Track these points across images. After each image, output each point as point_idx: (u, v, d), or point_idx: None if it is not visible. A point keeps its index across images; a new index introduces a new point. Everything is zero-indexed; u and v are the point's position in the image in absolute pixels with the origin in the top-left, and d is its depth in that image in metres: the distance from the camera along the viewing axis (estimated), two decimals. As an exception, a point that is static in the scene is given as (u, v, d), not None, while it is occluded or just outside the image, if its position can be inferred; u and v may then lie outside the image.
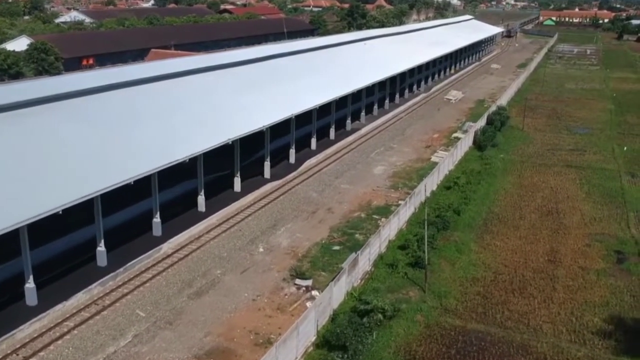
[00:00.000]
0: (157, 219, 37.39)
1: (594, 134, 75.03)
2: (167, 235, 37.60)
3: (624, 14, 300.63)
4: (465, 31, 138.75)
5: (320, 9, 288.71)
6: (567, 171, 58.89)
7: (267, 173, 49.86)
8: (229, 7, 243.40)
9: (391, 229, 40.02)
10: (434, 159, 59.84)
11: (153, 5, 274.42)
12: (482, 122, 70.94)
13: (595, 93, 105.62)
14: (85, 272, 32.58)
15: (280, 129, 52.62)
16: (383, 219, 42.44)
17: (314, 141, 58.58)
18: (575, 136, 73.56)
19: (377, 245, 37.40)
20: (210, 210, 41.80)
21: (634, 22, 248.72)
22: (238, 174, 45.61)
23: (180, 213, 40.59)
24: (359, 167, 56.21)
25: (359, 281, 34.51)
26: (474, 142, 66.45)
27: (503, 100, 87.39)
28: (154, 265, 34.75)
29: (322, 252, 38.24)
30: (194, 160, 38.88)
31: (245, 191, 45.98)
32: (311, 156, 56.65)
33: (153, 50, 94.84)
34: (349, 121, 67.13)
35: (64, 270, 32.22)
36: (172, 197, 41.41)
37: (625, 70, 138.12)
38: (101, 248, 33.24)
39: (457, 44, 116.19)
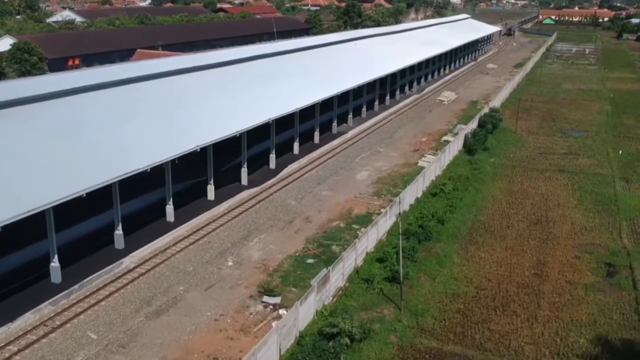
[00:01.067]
0: (119, 231, 35.36)
1: (588, 136, 72.92)
2: (130, 248, 35.58)
3: (624, 13, 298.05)
4: (460, 30, 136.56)
5: (318, 7, 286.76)
6: (559, 176, 56.79)
7: (244, 180, 47.85)
8: (225, 6, 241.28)
9: (369, 240, 37.98)
10: (421, 163, 57.75)
11: (150, 4, 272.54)
12: (473, 125, 68.84)
13: (592, 94, 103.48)
14: (37, 290, 30.53)
15: (260, 133, 50.64)
16: (363, 229, 40.34)
17: (296, 145, 56.52)
18: (570, 139, 71.45)
19: (352, 258, 35.36)
20: (180, 220, 39.77)
21: (634, 21, 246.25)
22: (211, 182, 43.55)
23: (147, 224, 38.50)
24: (342, 173, 54.14)
25: (331, 298, 32.45)
26: (464, 145, 64.34)
27: (496, 102, 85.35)
28: (112, 281, 32.72)
29: (295, 266, 36.20)
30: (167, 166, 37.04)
31: (219, 199, 43.94)
32: (293, 161, 54.61)
33: (139, 50, 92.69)
34: (334, 124, 65.06)
35: (13, 289, 30.15)
36: (140, 207, 39.36)
37: (624, 70, 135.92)
38: (55, 263, 31.24)
39: (452, 44, 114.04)
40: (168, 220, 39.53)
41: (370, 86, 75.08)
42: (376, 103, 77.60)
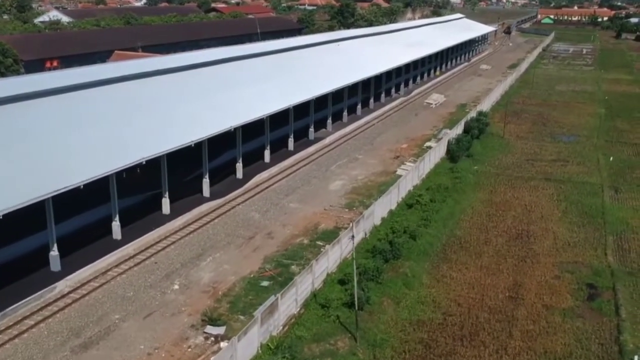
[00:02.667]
0: (54, 252, 32.44)
1: (579, 141, 69.90)
2: (67, 270, 32.67)
3: (624, 12, 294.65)
4: (453, 31, 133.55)
5: (314, 7, 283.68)
6: (545, 185, 53.82)
7: (206, 191, 44.94)
8: (220, 5, 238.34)
9: (330, 260, 34.99)
10: (400, 171, 54.74)
11: (145, 4, 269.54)
12: (458, 130, 65.82)
13: (586, 96, 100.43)
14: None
15: (226, 140, 47.84)
16: (327, 247, 37.34)
17: (267, 153, 53.57)
18: (559, 144, 68.43)
19: (309, 282, 32.42)
20: (128, 237, 36.85)
21: (633, 20, 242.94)
22: (166, 194, 40.59)
23: (89, 243, 35.57)
24: (315, 183, 51.19)
25: (281, 328, 29.51)
26: (447, 152, 61.35)
27: (486, 105, 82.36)
28: (41, 309, 29.83)
29: (247, 290, 33.28)
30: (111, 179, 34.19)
31: (175, 213, 41.03)
32: (263, 170, 51.65)
33: (117, 52, 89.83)
34: (311, 130, 62.07)
35: None
36: (83, 224, 36.49)
37: (621, 70, 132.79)
38: (-26, 291, 28.34)
39: (443, 45, 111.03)
40: (114, 238, 36.60)
41: (353, 89, 72.18)
42: (359, 107, 74.64)
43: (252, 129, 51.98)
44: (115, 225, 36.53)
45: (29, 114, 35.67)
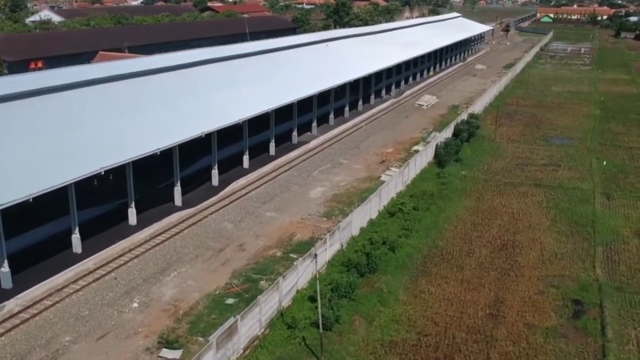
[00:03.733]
0: (4, 268, 30.57)
1: (572, 145, 67.92)
2: (19, 287, 30.81)
3: (623, 11, 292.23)
4: (449, 30, 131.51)
5: (312, 6, 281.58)
6: (535, 192, 51.89)
7: (177, 200, 43.03)
8: (217, 4, 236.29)
9: (300, 275, 33.08)
10: (384, 177, 52.81)
11: (142, 3, 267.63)
12: (447, 133, 63.87)
13: (582, 96, 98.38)
14: None
15: (202, 147, 46.05)
16: (297, 261, 35.34)
17: (246, 159, 51.70)
18: (552, 148, 66.46)
19: (275, 300, 30.52)
20: (89, 251, 34.99)
21: (632, 19, 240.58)
22: (132, 204, 38.69)
23: (47, 257, 33.69)
24: (294, 190, 49.28)
25: (242, 351, 27.63)
26: (435, 156, 59.40)
27: (478, 107, 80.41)
28: (-14, 331, 27.91)
29: (211, 308, 31.41)
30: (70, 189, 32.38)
31: (142, 224, 39.14)
32: (241, 176, 49.74)
33: (101, 52, 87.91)
34: (295, 133, 60.14)
35: None
36: (41, 237, 34.63)
37: (619, 70, 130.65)
38: None
39: (437, 44, 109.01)
40: (74, 251, 34.70)
41: (341, 91, 70.34)
42: (346, 109, 72.72)
43: (231, 134, 50.15)
44: (75, 238, 34.67)
45: None
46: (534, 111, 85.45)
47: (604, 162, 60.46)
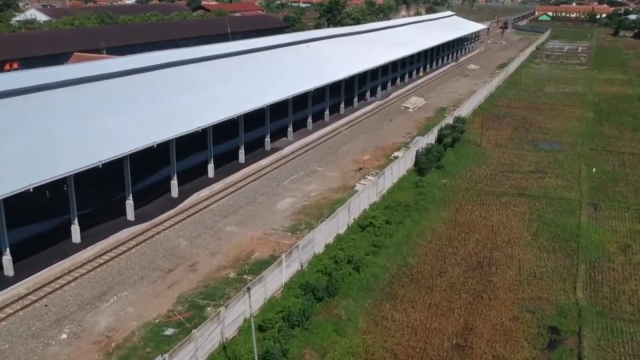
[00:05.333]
0: None
1: (562, 150, 64.89)
2: None
3: (623, 9, 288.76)
4: (441, 29, 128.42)
5: (308, 5, 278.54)
6: (518, 202, 48.94)
7: (130, 214, 40.09)
8: (211, 3, 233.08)
9: (251, 302, 30.07)
10: (359, 187, 49.84)
11: (137, 2, 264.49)
12: (429, 139, 60.83)
13: (576, 98, 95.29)
14: None
15: (160, 156, 43.19)
16: (245, 287, 32.16)
17: (211, 167, 48.74)
18: (540, 153, 63.42)
19: (217, 331, 27.58)
20: (22, 274, 32.06)
21: (631, 17, 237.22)
22: (75, 221, 35.77)
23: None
24: (261, 201, 46.35)
25: (171, 394, 24.68)
26: (416, 163, 56.41)
27: (466, 109, 77.37)
28: None
29: (147, 339, 28.51)
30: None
31: (87, 242, 36.23)
32: (204, 187, 46.79)
33: (76, 53, 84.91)
34: (267, 139, 57.18)
35: None
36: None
37: (615, 70, 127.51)
38: None
39: (427, 44, 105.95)
40: (6, 274, 31.80)
41: (322, 93, 67.45)
42: (326, 112, 69.70)
43: (195, 141, 47.29)
44: (6, 259, 31.79)
45: None
46: (525, 113, 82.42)
47: (594, 169, 57.48)
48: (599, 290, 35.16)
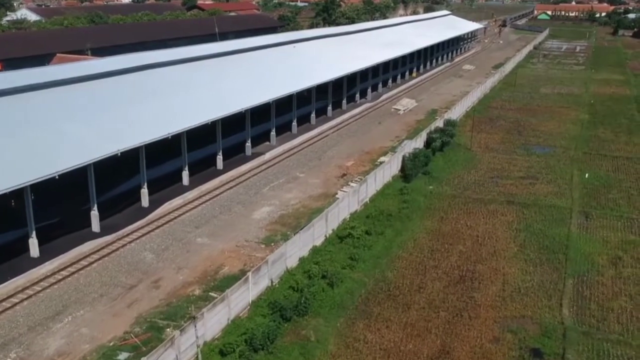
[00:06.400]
0: None
1: (554, 154, 62.88)
2: None
3: (623, 8, 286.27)
4: (436, 28, 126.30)
5: (306, 4, 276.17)
6: (506, 210, 46.99)
7: (95, 225, 38.14)
8: (207, 2, 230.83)
9: (209, 325, 28.19)
10: (341, 194, 47.88)
11: (133, 1, 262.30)
12: (417, 143, 58.82)
13: (572, 99, 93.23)
14: None
15: (129, 164, 41.30)
16: (205, 309, 29.91)
17: (185, 175, 46.79)
18: (532, 158, 61.42)
19: (171, 357, 25.61)
20: (-29, 292, 30.08)
21: (631, 16, 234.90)
22: (33, 234, 33.86)
23: None
24: (236, 210, 44.39)
25: None
26: (402, 169, 54.45)
27: (457, 111, 75.41)
28: None
29: (98, 365, 26.53)
30: None
31: (46, 256, 34.28)
32: (178, 195, 44.84)
33: (58, 55, 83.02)
34: (248, 144, 55.23)
35: None
36: None
37: (613, 70, 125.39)
38: None
39: (420, 44, 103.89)
40: (-48, 294, 29.88)
41: (307, 96, 65.52)
42: (312, 115, 67.70)
43: (169, 148, 45.38)
44: (-48, 278, 29.84)
45: None
46: (518, 116, 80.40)
47: (586, 175, 55.49)
48: (586, 308, 33.21)
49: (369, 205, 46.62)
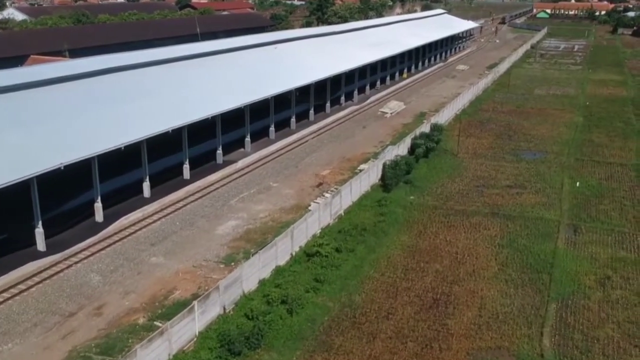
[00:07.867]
0: None
1: (545, 160, 59.89)
2: None
3: (622, 6, 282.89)
4: (429, 28, 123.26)
5: (302, 2, 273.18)
6: (489, 223, 44.04)
7: (40, 244, 35.22)
8: (201, 0, 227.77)
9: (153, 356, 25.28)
10: (314, 206, 44.94)
11: (127, 0, 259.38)
12: (399, 149, 55.88)
13: (566, 101, 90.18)
14: None
15: (82, 175, 38.42)
16: (138, 345, 26.75)
17: (146, 186, 43.87)
18: (521, 164, 58.42)
19: (95, 403, 22.71)
20: None
21: (630, 14, 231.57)
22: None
23: None
24: (200, 225, 41.46)
25: None
26: (382, 177, 51.49)
27: (446, 114, 72.49)
28: None
29: (15, 410, 23.59)
30: None
31: (-19, 280, 31.31)
32: (136, 209, 41.91)
33: (33, 56, 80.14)
34: (219, 152, 52.31)
35: None
36: None
37: (611, 70, 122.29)
38: None
39: (412, 44, 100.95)
40: None
41: (286, 100, 62.62)
42: (292, 120, 64.74)
43: (130, 157, 42.48)
44: None
45: None
46: (510, 119, 77.41)
47: (577, 183, 52.51)
48: (569, 337, 30.26)
49: (343, 219, 43.71)
